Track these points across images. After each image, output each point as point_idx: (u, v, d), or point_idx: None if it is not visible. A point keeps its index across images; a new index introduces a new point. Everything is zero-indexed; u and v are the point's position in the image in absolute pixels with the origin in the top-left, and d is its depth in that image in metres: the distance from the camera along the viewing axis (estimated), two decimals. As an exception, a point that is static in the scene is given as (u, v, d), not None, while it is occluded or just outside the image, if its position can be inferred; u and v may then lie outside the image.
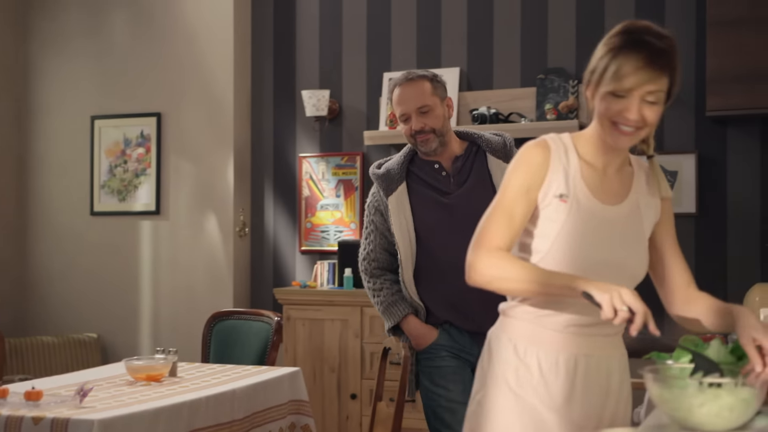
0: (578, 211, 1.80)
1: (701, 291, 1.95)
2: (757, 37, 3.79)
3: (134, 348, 5.16)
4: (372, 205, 2.95)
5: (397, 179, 2.89)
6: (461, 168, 2.85)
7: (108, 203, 5.25)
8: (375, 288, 2.93)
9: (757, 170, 4.17)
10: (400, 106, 2.85)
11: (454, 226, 2.75)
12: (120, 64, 5.24)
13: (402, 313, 2.86)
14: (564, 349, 1.84)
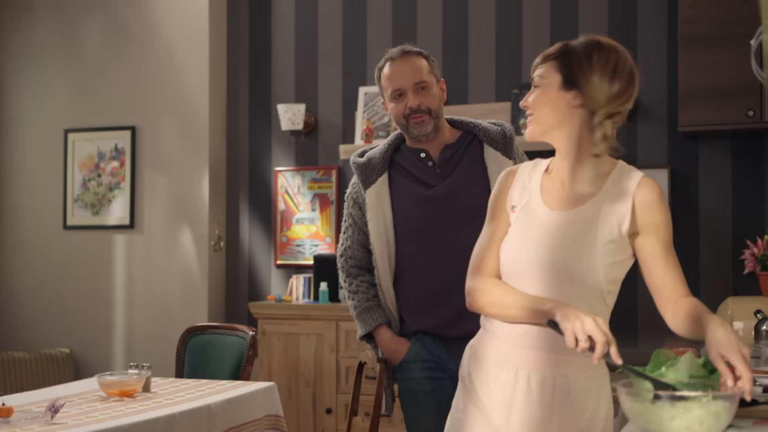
0: (525, 219, 1.90)
1: (691, 298, 1.89)
2: (727, 54, 3.85)
3: (107, 363, 5.11)
4: (350, 196, 2.72)
5: (378, 169, 2.64)
6: (450, 158, 2.60)
7: (81, 217, 5.21)
8: (351, 290, 2.73)
9: (728, 185, 4.22)
10: (394, 81, 2.57)
11: (436, 223, 2.55)
12: (94, 78, 5.21)
13: (375, 322, 2.66)
14: (507, 361, 1.88)
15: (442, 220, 2.54)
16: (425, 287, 2.58)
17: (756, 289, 4.07)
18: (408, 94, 2.55)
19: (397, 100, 2.57)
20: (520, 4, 4.55)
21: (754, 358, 2.68)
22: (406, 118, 2.56)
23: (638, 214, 1.89)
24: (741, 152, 4.20)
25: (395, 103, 2.59)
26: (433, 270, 2.55)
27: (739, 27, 3.77)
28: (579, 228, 1.86)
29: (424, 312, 2.59)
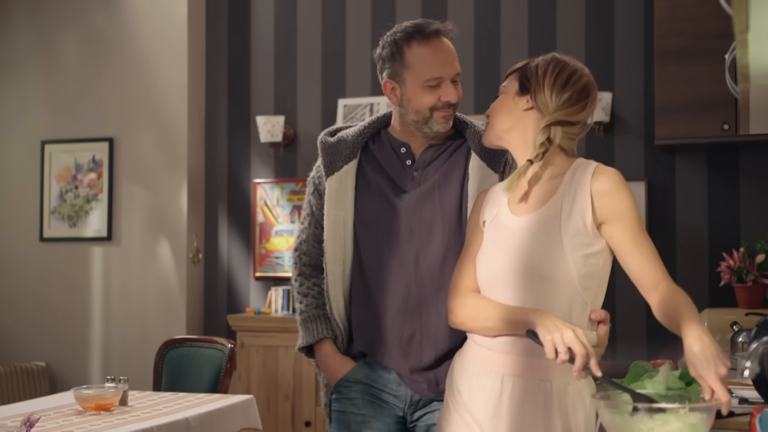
0: (494, 229, 1.95)
1: (672, 287, 1.89)
2: (702, 69, 3.89)
3: (84, 377, 5.06)
4: (312, 181, 2.32)
5: (347, 154, 2.24)
6: (430, 161, 2.22)
7: (58, 229, 5.18)
8: (300, 292, 2.33)
9: (704, 198, 4.26)
10: (434, 68, 2.14)
11: (399, 233, 2.18)
12: (72, 89, 5.18)
13: (319, 334, 2.26)
14: (494, 367, 1.89)
15: (406, 231, 2.18)
16: (373, 313, 2.19)
17: (732, 301, 4.11)
18: (447, 86, 2.16)
19: (431, 89, 2.15)
20: (498, 20, 4.59)
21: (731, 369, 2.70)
22: (432, 110, 2.16)
23: (597, 204, 1.88)
24: (717, 165, 4.24)
25: (426, 93, 2.15)
26: (391, 285, 2.17)
27: (714, 42, 3.81)
28: (544, 227, 1.87)
29: (372, 340, 2.21)
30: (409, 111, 2.18)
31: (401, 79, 2.18)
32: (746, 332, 3.40)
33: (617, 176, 1.89)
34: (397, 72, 2.18)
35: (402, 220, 2.18)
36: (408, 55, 2.16)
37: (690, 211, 4.27)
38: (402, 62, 2.17)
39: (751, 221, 4.18)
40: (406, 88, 2.17)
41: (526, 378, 1.86)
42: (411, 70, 2.16)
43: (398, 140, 2.24)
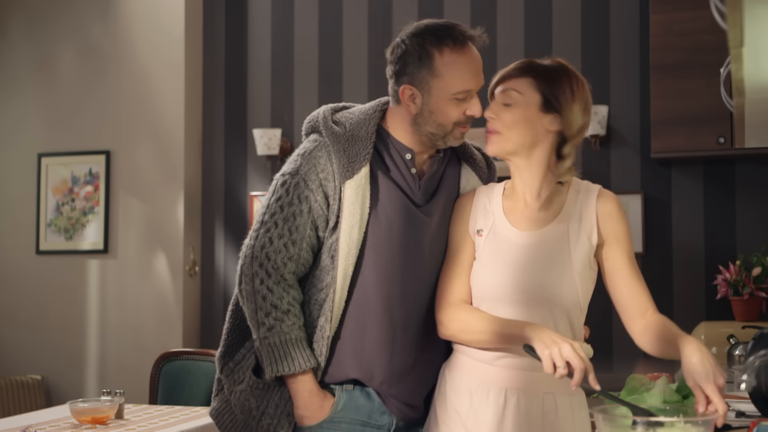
0: (494, 241, 1.89)
1: (659, 315, 1.92)
2: (698, 82, 3.91)
3: (80, 390, 5.05)
4: (309, 177, 1.96)
5: (363, 156, 1.95)
6: (434, 173, 2.05)
7: (54, 242, 5.17)
8: (278, 306, 1.95)
9: (700, 210, 4.27)
10: (468, 79, 1.95)
11: (411, 249, 1.98)
12: (69, 102, 5.19)
13: (305, 362, 1.95)
14: (495, 382, 1.86)
15: (417, 250, 1.99)
16: (378, 328, 1.98)
17: (729, 314, 4.11)
18: (474, 98, 1.98)
19: (458, 102, 1.95)
20: (494, 30, 4.60)
21: (727, 383, 2.70)
22: (456, 125, 1.98)
23: (601, 225, 1.91)
24: (713, 178, 4.25)
25: (454, 106, 1.95)
26: (393, 309, 1.98)
27: (710, 56, 3.83)
28: (551, 247, 1.87)
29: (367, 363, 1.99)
30: (430, 123, 1.97)
31: (426, 88, 1.95)
32: (743, 345, 3.41)
33: (618, 200, 1.97)
34: (423, 79, 1.94)
35: (422, 240, 1.98)
36: (439, 63, 1.93)
37: (686, 224, 4.28)
38: (431, 69, 1.93)
39: (748, 234, 4.19)
40: (430, 98, 1.95)
41: (529, 391, 1.85)
42: (440, 79, 1.93)
43: (403, 144, 2.02)
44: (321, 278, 1.99)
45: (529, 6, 4.56)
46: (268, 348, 1.95)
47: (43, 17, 5.24)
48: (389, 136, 2.03)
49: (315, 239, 1.99)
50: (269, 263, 1.96)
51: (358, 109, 2.07)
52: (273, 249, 1.96)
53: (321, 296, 1.98)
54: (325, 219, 1.97)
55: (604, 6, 4.45)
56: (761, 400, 1.99)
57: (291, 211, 1.97)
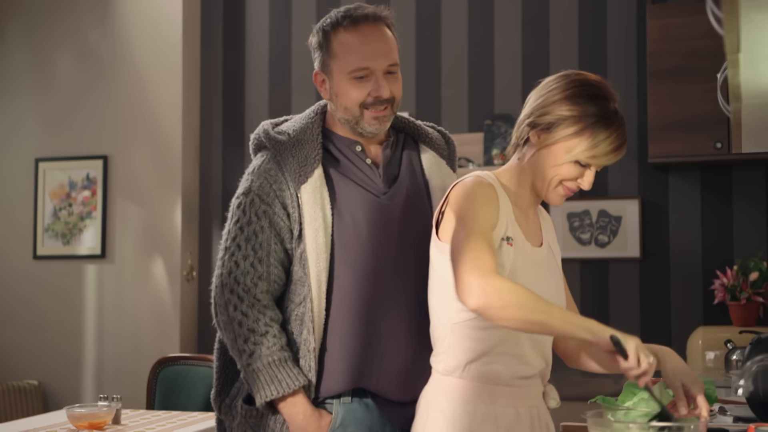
0: (520, 255, 1.77)
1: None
2: (695, 88, 3.92)
3: (77, 395, 5.04)
4: (263, 192, 1.92)
5: (313, 157, 1.93)
6: (390, 159, 2.01)
7: (52, 247, 5.16)
8: (254, 329, 1.88)
9: (697, 215, 4.27)
10: (362, 57, 1.90)
11: (390, 242, 1.92)
12: (66, 107, 5.19)
13: (294, 382, 1.86)
14: (521, 401, 1.79)
15: (388, 241, 1.92)
16: (365, 330, 1.91)
17: (726, 318, 4.11)
18: (378, 79, 1.92)
19: (358, 82, 1.92)
20: (492, 36, 4.61)
21: (725, 387, 2.70)
22: (362, 107, 1.93)
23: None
24: (710, 183, 4.26)
25: (353, 86, 1.92)
26: (377, 306, 1.91)
27: (707, 61, 3.84)
28: (553, 263, 1.88)
29: (361, 369, 1.91)
30: (339, 108, 1.96)
31: (329, 71, 1.96)
32: (740, 350, 3.41)
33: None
34: (325, 62, 1.97)
35: (385, 227, 1.93)
36: (334, 44, 1.94)
37: (683, 229, 4.29)
38: (329, 52, 1.95)
39: (745, 239, 4.19)
40: (333, 81, 1.95)
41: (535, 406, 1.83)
42: (336, 60, 1.93)
43: (347, 138, 2.00)
44: (297, 292, 1.92)
45: (526, 11, 4.57)
46: (253, 375, 1.88)
47: (41, 22, 5.24)
48: (333, 134, 2.01)
49: (283, 253, 1.93)
50: (239, 287, 1.92)
51: (298, 117, 2.06)
52: (240, 272, 1.92)
53: (300, 310, 1.91)
54: (288, 230, 1.92)
55: (601, 11, 4.46)
56: (758, 404, 1.99)
57: (251, 230, 1.92)
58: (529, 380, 1.80)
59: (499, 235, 1.74)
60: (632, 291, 4.29)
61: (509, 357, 1.77)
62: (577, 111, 1.74)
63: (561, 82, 1.78)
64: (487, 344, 1.75)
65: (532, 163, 1.80)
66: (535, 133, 1.79)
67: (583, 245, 4.36)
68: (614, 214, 4.34)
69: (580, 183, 1.77)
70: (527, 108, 1.82)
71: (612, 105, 1.75)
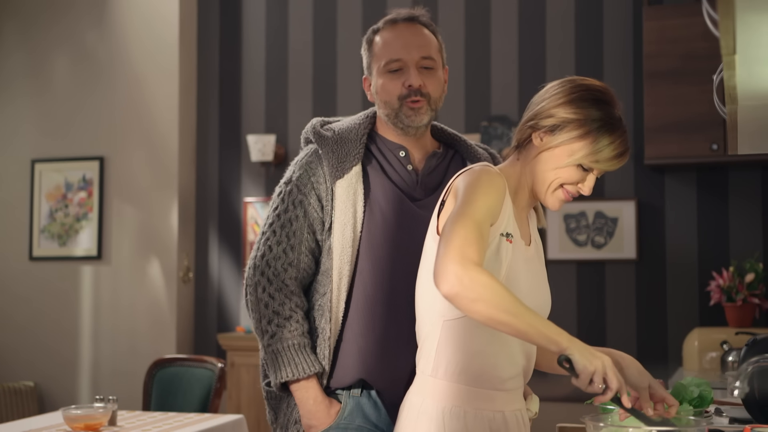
0: (517, 253, 1.76)
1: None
2: (691, 89, 3.92)
3: (73, 396, 5.03)
4: (301, 182, 2.02)
5: (354, 155, 2.01)
6: (434, 169, 2.06)
7: (48, 248, 5.16)
8: (279, 312, 1.98)
9: (693, 216, 4.28)
10: (393, 50, 1.99)
11: (411, 246, 1.92)
12: (62, 108, 5.18)
13: (310, 368, 1.94)
14: (507, 405, 1.78)
15: (416, 246, 1.88)
16: (381, 329, 1.95)
17: (722, 320, 4.12)
18: (410, 69, 1.99)
19: (393, 75, 2.00)
20: (488, 37, 4.62)
21: (721, 389, 2.70)
22: (401, 99, 1.99)
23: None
24: (706, 185, 4.27)
25: (389, 79, 2.00)
26: (397, 304, 1.96)
27: (703, 62, 3.85)
28: (539, 261, 1.88)
29: (374, 366, 1.95)
30: (380, 105, 2.04)
31: (371, 71, 2.06)
32: (736, 351, 3.41)
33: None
34: (369, 65, 2.07)
35: (417, 231, 1.91)
36: (375, 45, 2.05)
37: (680, 231, 4.29)
38: (371, 54, 2.06)
39: (741, 240, 4.20)
40: (374, 79, 2.05)
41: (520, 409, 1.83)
42: (375, 57, 2.04)
43: (393, 142, 2.06)
44: (323, 283, 2.00)
45: (523, 12, 4.57)
46: (272, 355, 1.97)
47: (37, 24, 5.24)
48: (379, 137, 2.08)
49: (314, 243, 2.02)
50: (270, 270, 2.00)
51: (350, 118, 2.13)
52: (273, 256, 2.00)
53: (324, 300, 1.99)
54: (321, 222, 2.00)
55: (597, 13, 4.46)
56: (754, 406, 1.99)
57: (287, 218, 2.02)
58: (513, 380, 1.79)
59: (499, 230, 1.72)
60: (628, 292, 4.29)
61: (498, 356, 1.75)
62: (581, 114, 1.73)
63: (566, 86, 1.78)
64: (478, 343, 1.73)
65: (533, 165, 1.79)
66: (538, 135, 1.78)
67: (580, 246, 4.37)
68: (611, 216, 4.34)
69: (581, 188, 1.77)
70: (530, 110, 1.81)
71: (616, 111, 1.75)
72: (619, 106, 1.77)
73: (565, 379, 1.55)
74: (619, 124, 1.75)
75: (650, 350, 4.22)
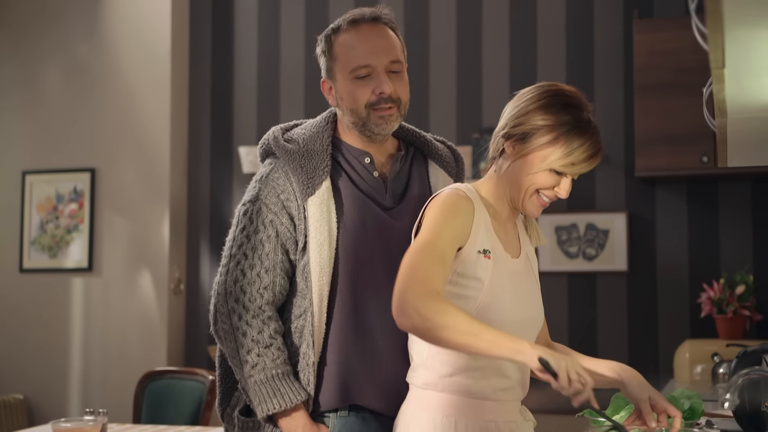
0: (499, 267, 1.76)
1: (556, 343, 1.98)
2: (681, 102, 3.94)
3: (62, 409, 5.00)
4: (273, 201, 1.91)
5: (322, 169, 1.91)
6: (399, 173, 1.99)
7: (38, 260, 5.14)
8: (257, 339, 1.87)
9: (684, 228, 4.29)
10: (361, 55, 1.89)
11: (394, 260, 1.79)
12: (54, 119, 5.17)
13: (296, 396, 1.86)
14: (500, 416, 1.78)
15: (393, 258, 1.82)
16: (364, 346, 1.90)
17: (713, 332, 4.13)
18: (380, 75, 1.90)
19: (361, 81, 1.90)
20: (480, 49, 4.63)
21: (711, 401, 2.71)
22: (368, 107, 1.91)
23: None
24: (696, 197, 4.28)
25: (356, 86, 1.90)
26: (377, 323, 1.90)
27: (693, 75, 3.87)
28: (529, 274, 1.88)
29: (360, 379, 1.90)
30: (345, 112, 1.94)
31: (333, 75, 1.95)
32: (727, 363, 3.42)
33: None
34: (329, 67, 1.96)
35: (396, 249, 1.84)
36: (336, 47, 1.93)
37: (670, 243, 4.30)
38: (331, 56, 1.94)
39: (731, 252, 4.21)
40: (337, 84, 1.94)
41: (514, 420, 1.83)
42: (338, 62, 1.93)
43: (357, 148, 1.97)
44: (298, 304, 1.92)
45: (514, 25, 4.59)
46: (255, 387, 1.87)
47: (29, 35, 5.23)
48: (343, 143, 1.98)
49: (288, 263, 1.93)
50: (245, 297, 1.90)
51: (309, 123, 2.03)
52: (247, 281, 1.91)
53: (300, 323, 1.91)
54: (294, 241, 1.91)
55: (588, 26, 4.49)
56: (745, 418, 2.00)
57: (258, 239, 1.92)
58: (508, 392, 1.79)
59: (474, 248, 1.73)
60: (620, 304, 4.30)
61: (488, 370, 1.76)
62: (551, 120, 1.74)
63: (534, 92, 1.79)
64: (466, 358, 1.74)
65: (509, 174, 1.80)
66: (510, 144, 1.79)
67: (571, 258, 4.37)
68: (602, 228, 4.35)
69: (557, 191, 1.77)
70: (502, 120, 1.83)
71: (585, 114, 1.76)
72: (589, 108, 1.79)
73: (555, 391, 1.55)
74: (588, 126, 1.75)
75: (641, 362, 4.23)
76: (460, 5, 4.69)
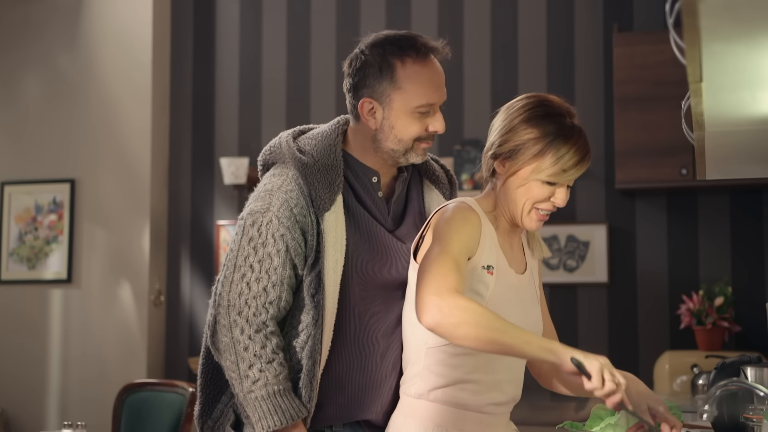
0: (502, 283, 1.77)
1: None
2: (660, 115, 3.97)
3: (40, 422, 4.95)
4: (286, 214, 1.85)
5: (337, 185, 1.86)
6: (399, 195, 1.97)
7: (16, 271, 5.09)
8: (259, 354, 1.82)
9: (664, 240, 4.32)
10: (431, 92, 1.86)
11: (397, 278, 1.89)
12: (33, 129, 5.14)
13: (297, 413, 1.82)
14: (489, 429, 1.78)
15: (396, 277, 1.89)
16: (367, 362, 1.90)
17: (692, 343, 4.15)
18: (436, 113, 1.90)
19: (420, 117, 1.87)
20: (461, 62, 4.65)
21: (691, 412, 2.72)
22: (416, 140, 1.90)
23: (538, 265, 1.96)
24: (676, 209, 4.31)
25: (415, 121, 1.86)
26: (382, 338, 1.90)
27: (672, 89, 3.89)
28: (531, 289, 1.88)
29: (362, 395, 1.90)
30: (390, 139, 1.87)
31: (387, 101, 1.86)
32: (706, 374, 3.44)
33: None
34: (384, 92, 1.86)
35: (399, 269, 1.88)
36: (400, 74, 1.84)
37: (650, 254, 4.33)
38: (392, 81, 1.85)
39: (710, 264, 4.24)
40: (391, 112, 1.87)
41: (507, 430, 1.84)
42: (402, 92, 1.85)
43: (368, 167, 1.93)
44: (300, 318, 1.87)
45: (495, 38, 4.62)
46: (256, 402, 1.82)
47: (9, 45, 5.20)
48: (352, 159, 1.93)
49: (294, 278, 1.87)
50: (249, 311, 1.84)
51: (319, 133, 1.95)
52: (252, 295, 1.84)
53: (302, 338, 1.86)
54: (303, 257, 1.85)
55: (568, 39, 4.52)
56: (723, 429, 2.01)
57: (266, 252, 1.84)
58: (501, 407, 1.80)
59: (479, 263, 1.73)
60: (600, 316, 4.32)
61: (483, 384, 1.76)
62: (535, 132, 1.76)
63: (517, 105, 1.81)
64: (461, 371, 1.74)
65: (504, 192, 1.81)
66: (500, 162, 1.80)
67: (552, 270, 4.39)
68: (582, 239, 4.37)
69: (554, 201, 1.78)
70: (489, 138, 1.83)
71: (568, 120, 1.77)
72: (572, 113, 1.80)
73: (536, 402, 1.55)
74: (572, 131, 1.76)
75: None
76: (442, 18, 4.71)
